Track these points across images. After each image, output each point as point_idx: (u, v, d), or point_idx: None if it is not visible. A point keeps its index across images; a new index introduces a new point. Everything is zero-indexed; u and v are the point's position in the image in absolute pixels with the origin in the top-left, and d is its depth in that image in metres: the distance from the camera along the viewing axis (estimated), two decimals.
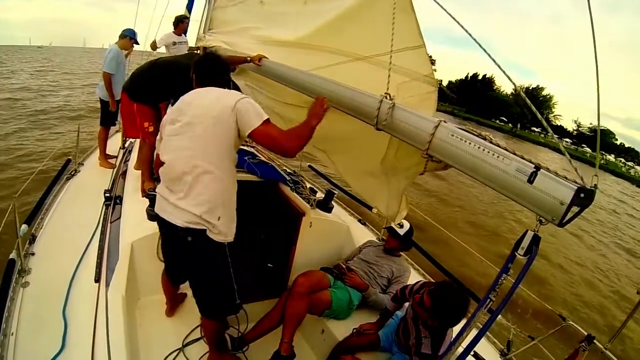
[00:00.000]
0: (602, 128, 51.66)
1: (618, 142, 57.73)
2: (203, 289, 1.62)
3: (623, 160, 49.89)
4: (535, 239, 1.02)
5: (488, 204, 10.65)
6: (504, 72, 1.27)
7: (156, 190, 1.57)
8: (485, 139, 1.17)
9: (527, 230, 1.03)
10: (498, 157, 1.09)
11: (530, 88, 55.23)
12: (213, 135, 1.45)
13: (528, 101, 1.26)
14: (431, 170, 1.46)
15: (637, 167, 47.87)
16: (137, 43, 4.09)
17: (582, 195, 0.94)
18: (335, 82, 1.67)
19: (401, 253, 2.67)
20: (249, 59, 2.40)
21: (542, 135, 52.05)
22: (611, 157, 52.56)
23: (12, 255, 1.89)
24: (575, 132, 55.81)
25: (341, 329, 2.23)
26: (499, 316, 1.12)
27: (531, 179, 1.01)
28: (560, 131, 55.99)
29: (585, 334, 1.97)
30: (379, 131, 1.48)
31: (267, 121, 1.46)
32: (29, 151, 6.81)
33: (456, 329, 1.42)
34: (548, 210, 0.98)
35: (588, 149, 49.84)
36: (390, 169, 1.73)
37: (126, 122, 2.79)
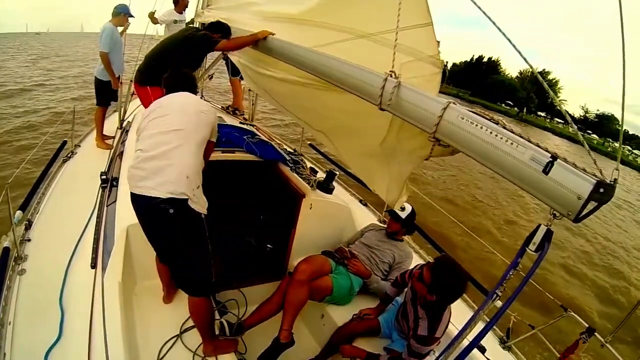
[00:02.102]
0: (608, 115, 50.84)
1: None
2: (184, 264, 1.61)
3: (629, 147, 49.02)
4: (548, 234, 0.95)
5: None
6: (521, 54, 1.18)
7: (129, 169, 1.54)
8: (497, 123, 1.09)
9: (539, 225, 0.96)
10: (511, 143, 1.01)
11: (537, 71, 53.66)
12: (203, 117, 1.66)
13: (547, 87, 1.18)
14: (437, 155, 1.38)
15: None
16: (131, 16, 3.94)
17: (601, 190, 0.87)
18: (335, 58, 1.57)
19: (404, 237, 2.62)
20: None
21: (548, 120, 51.16)
22: (617, 145, 51.47)
23: (7, 243, 1.86)
24: (581, 117, 54.81)
25: (341, 314, 2.23)
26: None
27: (547, 169, 0.93)
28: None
29: (587, 325, 1.94)
30: (382, 111, 1.39)
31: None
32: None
33: (459, 322, 1.38)
34: (563, 204, 0.91)
35: (595, 136, 49.08)
36: (391, 151, 1.64)
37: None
